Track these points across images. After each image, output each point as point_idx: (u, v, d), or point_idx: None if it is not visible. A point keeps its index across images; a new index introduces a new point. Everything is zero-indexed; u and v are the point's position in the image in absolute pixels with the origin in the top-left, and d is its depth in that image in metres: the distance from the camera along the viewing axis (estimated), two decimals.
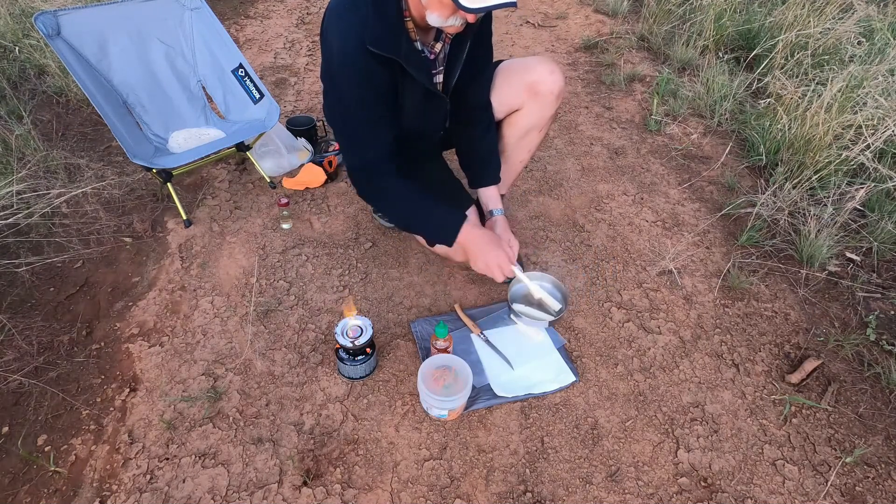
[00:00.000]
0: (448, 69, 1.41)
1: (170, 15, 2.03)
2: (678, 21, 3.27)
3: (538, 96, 1.52)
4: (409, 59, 1.27)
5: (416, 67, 1.30)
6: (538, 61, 1.53)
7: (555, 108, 1.57)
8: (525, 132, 1.62)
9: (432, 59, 1.37)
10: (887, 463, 1.32)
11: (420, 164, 1.61)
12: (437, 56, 1.38)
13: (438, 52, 1.37)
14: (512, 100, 1.57)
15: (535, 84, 1.51)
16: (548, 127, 1.64)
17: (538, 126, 1.61)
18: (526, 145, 1.66)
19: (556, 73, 1.51)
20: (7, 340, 1.51)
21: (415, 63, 1.29)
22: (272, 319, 1.60)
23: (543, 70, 1.50)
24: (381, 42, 1.22)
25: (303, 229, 1.92)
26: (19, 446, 1.28)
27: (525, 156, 1.70)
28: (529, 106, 1.55)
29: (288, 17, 3.54)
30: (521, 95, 1.54)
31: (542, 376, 1.46)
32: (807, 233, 1.84)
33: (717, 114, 2.56)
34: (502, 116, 1.63)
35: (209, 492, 1.21)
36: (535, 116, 1.57)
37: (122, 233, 1.88)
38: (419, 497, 1.22)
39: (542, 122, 1.60)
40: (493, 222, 1.60)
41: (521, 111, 1.58)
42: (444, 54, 1.38)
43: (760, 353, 1.57)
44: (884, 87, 2.17)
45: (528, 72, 1.52)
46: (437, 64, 1.40)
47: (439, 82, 1.44)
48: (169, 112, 2.10)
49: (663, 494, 1.24)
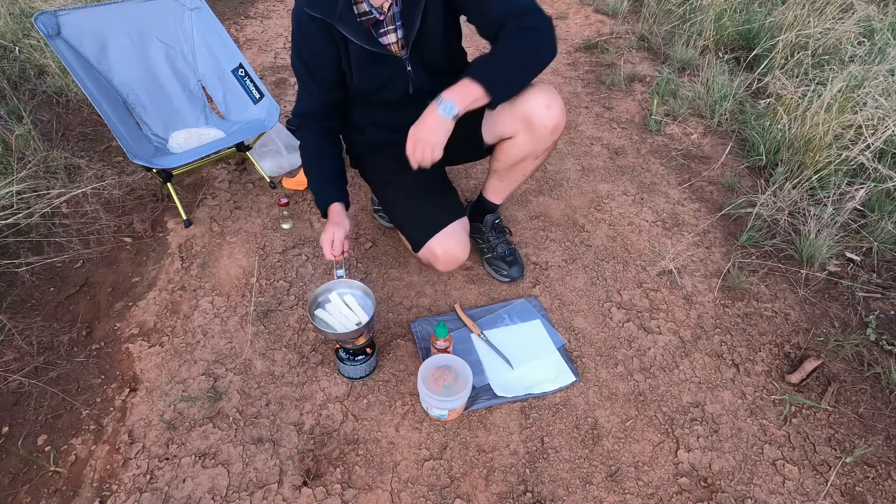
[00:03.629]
0: (405, 26, 1.36)
1: (170, 15, 2.03)
2: (678, 21, 3.27)
3: (532, 129, 1.41)
4: (342, 19, 1.29)
5: (351, 28, 1.30)
6: (538, 91, 1.38)
7: (551, 142, 1.46)
8: (518, 160, 1.52)
9: (381, 20, 1.34)
10: (887, 463, 1.32)
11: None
12: (386, 15, 1.34)
13: (387, 11, 1.34)
14: (504, 128, 1.46)
15: (530, 116, 1.39)
16: (546, 156, 1.54)
17: (533, 156, 1.51)
18: (520, 170, 1.58)
19: (554, 106, 1.38)
20: (7, 340, 1.51)
21: (349, 24, 1.30)
22: (272, 319, 1.60)
23: (540, 102, 1.37)
24: (314, 4, 1.29)
25: (303, 229, 1.92)
26: (19, 446, 1.28)
27: (520, 178, 1.62)
28: (522, 137, 1.44)
29: (288, 17, 3.54)
30: (515, 124, 1.43)
31: (542, 376, 1.46)
32: (807, 233, 1.84)
33: (717, 114, 2.56)
34: (494, 142, 1.53)
35: (209, 492, 1.21)
36: (528, 148, 1.47)
37: (122, 233, 1.88)
38: (419, 497, 1.22)
39: (537, 154, 1.50)
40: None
41: (514, 140, 1.47)
42: (393, 13, 1.35)
43: (760, 353, 1.57)
44: (884, 87, 2.17)
45: (524, 100, 1.38)
46: (385, 23, 1.35)
47: (394, 42, 1.38)
48: (169, 112, 2.10)
49: (663, 494, 1.24)
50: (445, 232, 1.47)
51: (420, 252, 1.52)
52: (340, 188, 1.48)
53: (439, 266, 1.52)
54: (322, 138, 1.50)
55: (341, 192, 1.47)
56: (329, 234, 1.38)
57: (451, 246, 1.48)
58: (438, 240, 1.47)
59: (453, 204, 1.57)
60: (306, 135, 1.51)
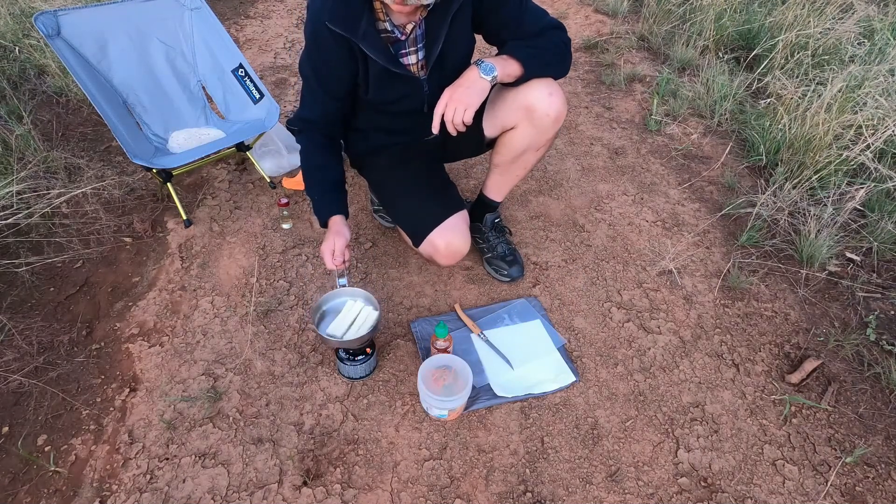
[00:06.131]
0: (428, 47, 1.37)
1: (170, 15, 2.03)
2: (678, 21, 3.27)
3: (534, 119, 1.42)
4: (365, 38, 1.28)
5: (373, 47, 1.29)
6: (539, 82, 1.40)
7: (553, 132, 1.47)
8: (520, 152, 1.52)
9: (402, 40, 1.35)
10: (887, 463, 1.32)
11: (414, 160, 1.59)
12: (408, 36, 1.35)
13: (410, 33, 1.34)
14: (506, 118, 1.47)
15: (532, 105, 1.40)
16: (546, 148, 1.54)
17: (534, 147, 1.51)
18: (522, 164, 1.58)
19: (556, 94, 1.39)
20: (7, 340, 1.51)
21: (372, 43, 1.29)
22: (272, 319, 1.60)
23: (542, 91, 1.39)
24: (337, 20, 1.26)
25: (303, 229, 1.92)
26: (19, 446, 1.28)
27: (521, 173, 1.63)
28: (524, 127, 1.45)
29: (288, 17, 3.54)
30: (517, 114, 1.44)
31: (542, 376, 1.46)
32: (807, 233, 1.84)
33: (717, 114, 2.56)
34: (496, 134, 1.54)
35: (209, 492, 1.21)
36: (530, 138, 1.47)
37: (122, 233, 1.88)
38: (419, 497, 1.22)
39: (539, 145, 1.50)
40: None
41: (515, 130, 1.48)
42: (415, 35, 1.35)
43: (760, 353, 1.57)
44: (884, 87, 2.17)
45: (526, 91, 1.40)
46: (407, 44, 1.36)
47: (414, 63, 1.39)
48: (169, 112, 2.10)
49: (663, 494, 1.24)
50: (446, 224, 1.47)
51: (421, 246, 1.52)
52: (341, 199, 1.48)
53: (441, 260, 1.52)
54: (323, 147, 1.48)
55: (341, 203, 1.47)
56: (329, 243, 1.38)
57: (453, 239, 1.48)
58: (439, 232, 1.47)
59: (453, 197, 1.57)
60: (307, 141, 1.48)
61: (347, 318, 1.41)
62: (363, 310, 1.43)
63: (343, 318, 1.42)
